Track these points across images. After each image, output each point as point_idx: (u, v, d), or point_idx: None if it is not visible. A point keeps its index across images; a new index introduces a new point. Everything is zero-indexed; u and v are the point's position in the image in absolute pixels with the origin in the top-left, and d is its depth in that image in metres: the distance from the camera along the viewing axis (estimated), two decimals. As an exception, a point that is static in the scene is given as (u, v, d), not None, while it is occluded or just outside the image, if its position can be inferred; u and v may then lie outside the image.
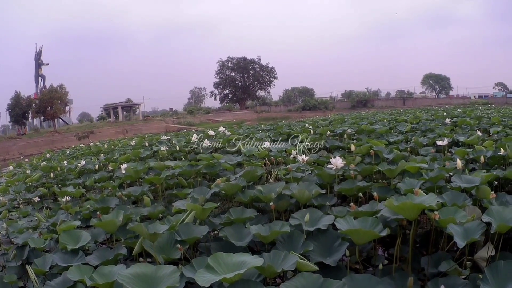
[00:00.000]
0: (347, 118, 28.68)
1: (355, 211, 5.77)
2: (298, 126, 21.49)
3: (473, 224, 5.01)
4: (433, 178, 7.05)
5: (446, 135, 13.04)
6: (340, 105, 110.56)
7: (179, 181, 9.32)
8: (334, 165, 7.55)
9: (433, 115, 26.34)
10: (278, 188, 6.95)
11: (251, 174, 8.29)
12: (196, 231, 5.69)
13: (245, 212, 6.39)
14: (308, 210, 5.98)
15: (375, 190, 6.90)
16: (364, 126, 17.50)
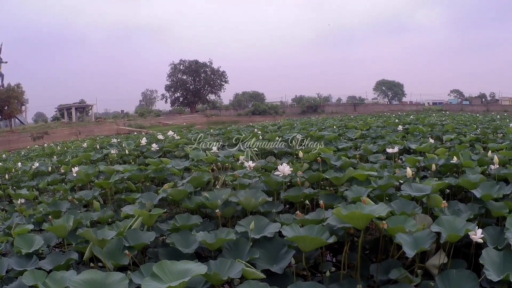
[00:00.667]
0: (297, 124, 28.98)
1: (301, 219, 5.75)
2: (247, 131, 21.52)
3: (423, 233, 5.02)
4: (382, 186, 7.05)
5: (397, 142, 13.13)
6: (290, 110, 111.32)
7: (128, 185, 9.23)
8: (281, 172, 7.53)
9: (384, 122, 26.53)
10: (224, 195, 6.92)
11: (198, 179, 8.25)
12: (143, 237, 5.65)
13: (191, 218, 6.36)
14: (254, 217, 5.97)
15: (322, 197, 6.97)
16: (313, 132, 17.60)
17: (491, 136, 16.19)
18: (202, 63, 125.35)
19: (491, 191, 6.74)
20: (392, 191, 7.24)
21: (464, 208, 6.44)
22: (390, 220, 5.33)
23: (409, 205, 6.08)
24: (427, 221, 5.78)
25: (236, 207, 6.85)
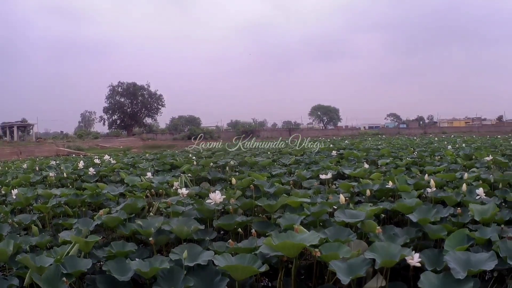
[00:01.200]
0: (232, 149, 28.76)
1: (234, 247, 5.72)
2: (182, 156, 21.45)
3: (357, 260, 5.01)
4: (315, 213, 7.06)
5: (331, 168, 13.17)
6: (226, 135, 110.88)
7: (65, 210, 9.08)
8: (213, 199, 7.52)
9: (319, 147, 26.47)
10: (157, 223, 6.82)
11: (132, 206, 8.17)
12: (80, 264, 5.52)
13: (126, 245, 6.23)
14: (188, 245, 5.90)
15: (255, 225, 7.01)
16: (247, 158, 17.66)
17: (428, 159, 16.56)
18: (139, 86, 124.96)
19: (427, 214, 6.83)
20: (326, 217, 7.25)
21: (400, 232, 6.45)
22: (324, 247, 5.35)
23: (343, 231, 6.11)
24: (362, 246, 5.80)
25: (170, 235, 6.77)
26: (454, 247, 5.39)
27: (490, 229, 6.11)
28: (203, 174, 13.47)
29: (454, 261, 4.82)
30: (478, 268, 4.73)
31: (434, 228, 6.42)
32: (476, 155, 16.88)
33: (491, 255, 4.94)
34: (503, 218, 6.90)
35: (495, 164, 13.72)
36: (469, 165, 13.89)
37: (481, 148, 21.25)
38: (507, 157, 16.81)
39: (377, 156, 18.09)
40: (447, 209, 7.34)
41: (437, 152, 19.79)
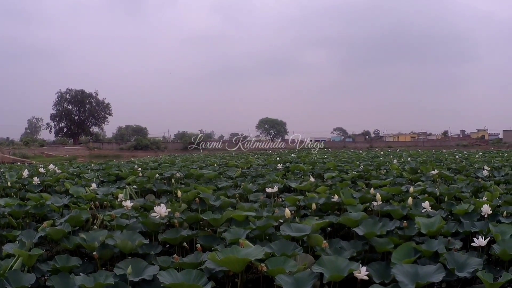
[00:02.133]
0: (178, 161, 28.80)
1: (179, 263, 5.61)
2: (127, 167, 21.18)
3: (304, 274, 4.99)
4: (261, 227, 7.02)
5: (277, 181, 13.10)
6: (173, 146, 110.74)
7: (9, 220, 8.89)
8: (158, 213, 7.41)
9: (265, 160, 26.67)
10: (101, 237, 6.67)
11: (76, 218, 7.99)
12: (24, 279, 5.35)
13: (70, 260, 6.08)
14: (132, 260, 5.82)
15: (201, 239, 6.93)
16: (193, 170, 17.50)
17: (374, 172, 16.61)
18: (88, 94, 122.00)
19: (374, 228, 6.84)
20: (272, 231, 7.21)
21: (347, 245, 6.48)
22: (270, 261, 5.33)
23: (289, 245, 6.10)
24: (309, 260, 5.81)
25: (114, 249, 6.61)
26: (401, 259, 5.43)
27: (437, 241, 6.16)
28: (148, 186, 13.23)
29: (401, 273, 4.84)
30: (426, 280, 4.76)
31: (381, 241, 6.44)
32: (421, 169, 17.01)
33: (439, 267, 4.99)
34: (449, 231, 6.99)
35: (440, 178, 13.84)
36: (415, 179, 14.05)
37: (426, 162, 21.48)
38: (452, 171, 17.03)
39: (323, 170, 18.03)
40: (393, 222, 7.42)
41: (383, 166, 19.93)
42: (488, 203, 7.84)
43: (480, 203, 8.13)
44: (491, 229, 6.49)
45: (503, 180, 13.55)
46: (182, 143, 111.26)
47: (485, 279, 4.74)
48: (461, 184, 12.01)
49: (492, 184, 11.48)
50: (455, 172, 16.56)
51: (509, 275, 4.86)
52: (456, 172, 16.95)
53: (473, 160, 25.61)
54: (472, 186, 11.51)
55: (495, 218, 7.79)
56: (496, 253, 5.81)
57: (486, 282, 4.76)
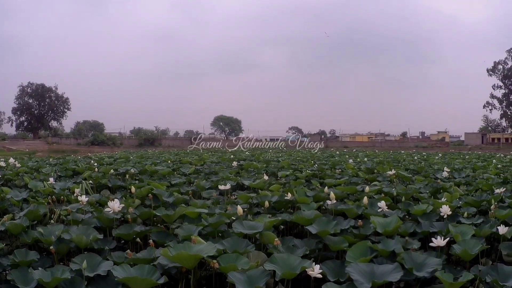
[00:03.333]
0: (133, 157, 28.78)
1: (132, 258, 5.54)
2: (84, 162, 20.97)
3: (257, 271, 4.93)
4: (213, 224, 6.95)
5: (230, 179, 13.08)
6: (128, 142, 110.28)
7: (-30, 214, 8.64)
8: (112, 208, 7.26)
9: (219, 158, 26.71)
10: (57, 231, 6.55)
11: (34, 213, 7.87)
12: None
13: (29, 254, 5.96)
14: (87, 255, 5.69)
15: (154, 235, 6.86)
16: (148, 166, 17.47)
17: (329, 172, 16.55)
18: (48, 88, 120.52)
19: (327, 226, 6.74)
20: (224, 228, 7.14)
21: (300, 243, 6.39)
22: (222, 258, 5.28)
23: (241, 242, 6.02)
24: (261, 258, 5.70)
25: (70, 244, 6.49)
26: (356, 258, 5.36)
27: (394, 241, 6.07)
28: (103, 181, 13.12)
29: (357, 272, 4.77)
30: (383, 279, 4.70)
31: (335, 239, 6.37)
32: (378, 169, 16.99)
33: (396, 266, 4.94)
34: (407, 231, 6.91)
35: (398, 178, 13.76)
36: (371, 179, 13.95)
37: (383, 163, 21.54)
38: (410, 171, 17.05)
39: (277, 168, 18.05)
40: (347, 221, 7.36)
41: (338, 166, 19.90)
42: (448, 204, 7.76)
43: (439, 203, 8.08)
44: (450, 230, 6.47)
45: (464, 182, 13.50)
46: (137, 139, 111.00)
47: (444, 279, 4.67)
48: (419, 185, 11.92)
49: (452, 185, 11.42)
50: (413, 173, 16.60)
51: (470, 275, 4.80)
52: (415, 173, 17.01)
53: (433, 161, 25.70)
54: (431, 187, 11.45)
55: (455, 219, 7.76)
56: (456, 253, 5.78)
57: (445, 282, 4.68)
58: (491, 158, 30.30)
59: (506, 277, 4.94)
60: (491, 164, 22.28)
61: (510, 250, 6.24)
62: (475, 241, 5.94)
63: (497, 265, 5.22)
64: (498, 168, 19.16)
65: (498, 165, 21.44)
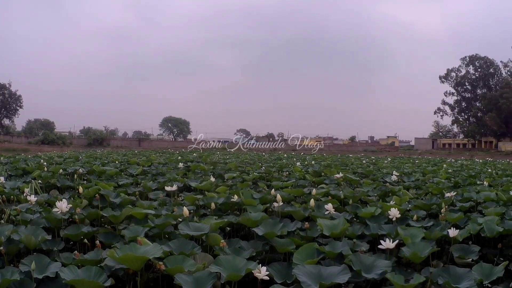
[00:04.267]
0: (82, 157, 28.59)
1: (80, 259, 5.42)
2: (34, 162, 20.75)
3: (203, 273, 4.88)
4: (160, 225, 6.90)
5: (177, 180, 13.02)
6: (78, 141, 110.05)
7: None
8: (59, 208, 7.11)
9: (167, 159, 26.77)
10: (7, 232, 6.40)
11: None
12: None
13: None
14: (36, 256, 5.54)
15: (101, 236, 6.78)
16: (96, 166, 17.30)
17: (276, 174, 16.58)
18: (1, 85, 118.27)
19: (274, 228, 6.75)
20: (171, 229, 7.09)
21: (246, 245, 6.38)
22: (169, 260, 5.24)
23: (188, 244, 6.00)
24: (208, 260, 5.66)
25: (19, 244, 6.37)
26: (303, 260, 5.33)
27: (341, 243, 6.05)
28: (52, 181, 12.97)
29: (304, 274, 4.73)
30: (330, 281, 4.67)
31: (282, 241, 6.35)
32: (325, 172, 16.96)
33: (344, 268, 4.90)
34: (355, 233, 6.93)
35: (345, 181, 13.73)
36: (318, 182, 13.94)
37: (331, 166, 21.51)
38: (358, 175, 17.11)
39: (224, 170, 18.09)
40: (294, 223, 7.37)
41: (285, 168, 19.96)
42: (396, 207, 7.75)
43: (388, 206, 8.08)
44: (399, 232, 6.48)
45: (413, 186, 13.58)
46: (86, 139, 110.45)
47: (395, 281, 4.66)
48: (367, 188, 11.93)
49: (401, 189, 11.49)
50: (362, 176, 16.68)
51: (422, 277, 4.79)
52: (363, 176, 17.08)
53: (381, 165, 25.91)
54: (380, 190, 11.46)
55: (404, 221, 7.76)
56: (406, 256, 5.77)
57: (396, 284, 4.66)
58: (441, 163, 30.72)
59: (458, 279, 4.97)
60: (441, 168, 22.63)
61: (461, 252, 6.29)
62: (425, 243, 5.95)
63: (449, 267, 5.24)
64: (448, 172, 19.39)
65: (448, 169, 21.68)
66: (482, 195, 9.95)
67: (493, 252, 6.84)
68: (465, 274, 5.03)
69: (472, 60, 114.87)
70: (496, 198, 9.77)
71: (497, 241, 7.15)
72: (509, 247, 7.17)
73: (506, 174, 19.61)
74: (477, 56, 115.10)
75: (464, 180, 14.70)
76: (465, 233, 6.81)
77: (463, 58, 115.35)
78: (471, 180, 14.81)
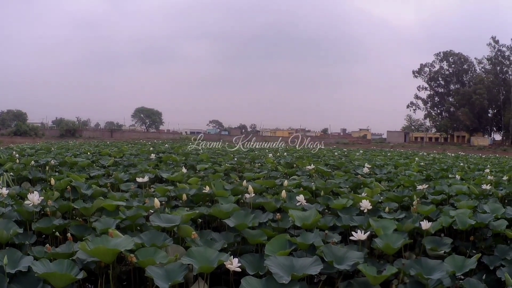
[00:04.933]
0: (54, 148, 28.29)
1: (52, 253, 5.33)
2: (6, 154, 20.46)
3: (175, 265, 4.86)
4: (131, 217, 6.87)
5: (149, 171, 13.02)
6: (50, 132, 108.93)
7: None
8: (31, 201, 7.00)
9: (139, 150, 26.61)
10: None
11: None
12: None
13: None
14: (8, 250, 5.44)
15: (73, 228, 6.67)
16: (68, 158, 17.18)
17: (248, 165, 16.66)
18: None
19: (245, 220, 6.72)
20: (142, 221, 7.08)
21: (218, 237, 6.36)
22: (140, 252, 5.20)
23: (159, 236, 5.96)
24: (180, 251, 5.69)
25: None
26: (275, 251, 5.33)
27: (313, 234, 6.04)
28: (24, 173, 12.78)
29: (276, 265, 4.71)
30: (303, 272, 4.63)
31: (253, 233, 6.35)
32: (297, 163, 17.04)
33: (316, 259, 4.89)
34: (326, 224, 6.93)
35: (317, 173, 13.80)
36: (290, 173, 14.02)
37: (303, 158, 21.55)
38: (330, 167, 17.21)
39: (196, 161, 17.97)
40: (266, 215, 7.33)
41: (257, 160, 20.02)
42: (368, 199, 7.77)
43: (360, 198, 8.12)
44: (371, 224, 6.53)
45: (385, 178, 13.67)
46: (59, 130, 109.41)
47: (367, 272, 4.69)
48: (339, 180, 12.00)
49: (373, 181, 11.57)
50: (333, 168, 16.80)
51: (394, 268, 4.88)
52: (335, 168, 17.18)
53: (353, 157, 26.08)
54: (351, 182, 11.51)
55: (376, 213, 7.81)
56: (378, 247, 5.80)
57: (368, 275, 4.70)
58: (414, 156, 31.05)
59: (430, 270, 4.99)
60: (413, 161, 22.85)
61: (434, 244, 6.35)
62: (398, 235, 6.00)
63: (421, 258, 5.29)
64: (420, 166, 19.61)
65: (421, 162, 21.93)
66: (454, 188, 10.03)
67: (465, 245, 6.93)
68: (438, 265, 5.06)
69: (446, 56, 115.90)
70: (468, 192, 9.87)
71: (469, 233, 7.22)
72: (481, 240, 7.21)
73: (478, 168, 19.81)
74: (451, 52, 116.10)
75: (436, 173, 14.91)
76: (438, 226, 6.90)
77: (437, 54, 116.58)
78: (443, 174, 15.00)
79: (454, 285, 5.03)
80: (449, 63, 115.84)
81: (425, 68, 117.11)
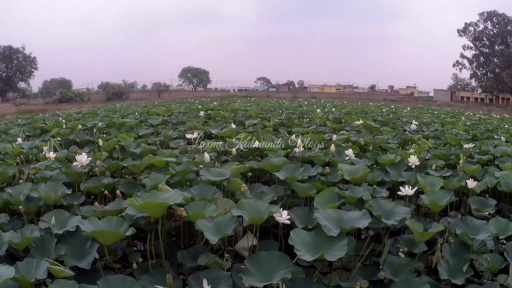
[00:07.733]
0: (100, 111, 28.43)
1: (100, 211, 5.39)
2: (52, 120, 20.53)
3: (224, 218, 4.88)
4: (181, 172, 6.88)
5: (198, 128, 13.02)
6: (96, 97, 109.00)
7: None
8: (79, 162, 7.10)
9: (187, 108, 26.50)
10: (26, 190, 6.39)
11: (2, 175, 7.61)
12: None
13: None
14: (55, 211, 5.54)
15: (122, 186, 6.73)
16: (115, 119, 17.31)
17: (297, 121, 16.59)
18: (15, 49, 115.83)
19: (295, 173, 6.71)
20: (192, 176, 7.06)
21: (267, 190, 6.37)
22: (190, 206, 5.21)
23: (209, 190, 5.98)
24: (230, 205, 5.63)
25: (39, 202, 6.34)
26: (324, 205, 5.32)
27: (361, 188, 6.08)
28: (71, 137, 12.97)
29: (325, 218, 4.69)
30: (351, 225, 4.62)
31: (303, 186, 6.35)
32: (346, 119, 16.86)
33: (364, 213, 4.86)
34: (375, 179, 6.91)
35: (366, 129, 13.74)
36: (339, 128, 14.03)
37: (351, 113, 21.44)
38: (378, 122, 17.07)
39: (244, 117, 17.93)
40: (315, 168, 7.34)
41: (306, 115, 19.87)
42: (416, 155, 7.76)
43: (407, 154, 8.16)
44: (419, 180, 6.50)
45: (432, 136, 13.58)
46: (105, 94, 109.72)
47: (414, 228, 4.64)
48: (387, 136, 11.99)
49: (420, 138, 11.56)
50: (382, 124, 16.66)
51: (441, 226, 4.80)
52: (383, 124, 17.06)
53: (401, 114, 25.81)
54: (399, 138, 11.54)
55: (423, 170, 7.76)
56: (425, 204, 5.75)
57: (415, 231, 4.67)
58: (460, 115, 30.51)
59: (475, 230, 4.95)
60: (460, 120, 22.45)
61: (479, 204, 6.25)
62: (444, 192, 5.93)
63: (467, 217, 5.24)
64: (466, 125, 19.36)
65: (467, 122, 21.62)
66: (499, 150, 9.87)
67: (508, 208, 6.80)
68: (482, 226, 5.03)
69: (490, 16, 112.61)
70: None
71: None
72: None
73: (523, 131, 19.43)
74: (495, 13, 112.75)
75: (482, 134, 14.71)
76: (483, 186, 6.85)
77: (481, 14, 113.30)
78: (488, 134, 14.81)
79: (497, 248, 5.06)
80: (493, 23, 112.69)
81: (469, 27, 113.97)
